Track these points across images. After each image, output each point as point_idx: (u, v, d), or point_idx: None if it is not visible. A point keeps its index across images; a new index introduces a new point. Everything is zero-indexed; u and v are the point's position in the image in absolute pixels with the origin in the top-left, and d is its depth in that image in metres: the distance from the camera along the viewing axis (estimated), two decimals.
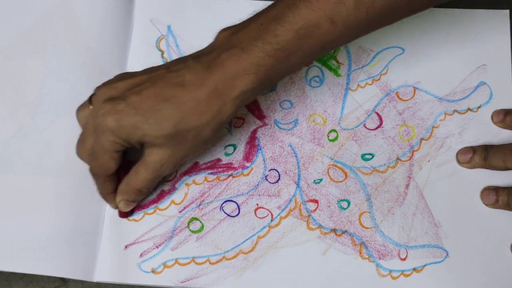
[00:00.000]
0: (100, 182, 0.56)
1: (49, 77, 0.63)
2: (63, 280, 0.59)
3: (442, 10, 0.65)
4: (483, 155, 0.59)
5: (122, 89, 0.53)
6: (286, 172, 0.60)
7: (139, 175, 0.55)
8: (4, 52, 0.64)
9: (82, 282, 0.59)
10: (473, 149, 0.60)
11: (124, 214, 0.59)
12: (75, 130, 0.60)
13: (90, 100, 0.55)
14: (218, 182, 0.60)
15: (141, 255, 0.57)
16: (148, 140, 0.52)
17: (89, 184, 0.59)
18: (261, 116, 0.62)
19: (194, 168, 0.61)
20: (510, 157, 0.58)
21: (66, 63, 0.63)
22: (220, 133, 0.54)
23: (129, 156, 0.56)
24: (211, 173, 0.61)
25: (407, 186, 0.60)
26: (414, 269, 0.57)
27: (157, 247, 0.58)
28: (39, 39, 0.64)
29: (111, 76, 0.62)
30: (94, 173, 0.56)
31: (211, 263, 0.57)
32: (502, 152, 0.59)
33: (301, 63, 0.53)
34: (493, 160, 0.59)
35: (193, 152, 0.54)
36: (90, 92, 0.61)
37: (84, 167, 0.59)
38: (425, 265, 0.57)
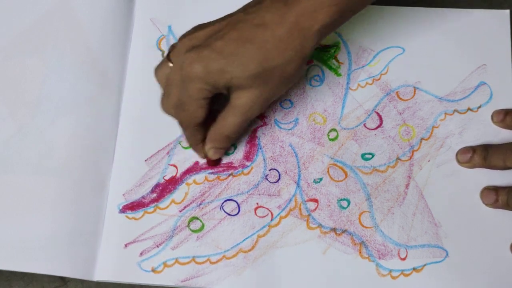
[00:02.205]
0: (189, 133, 0.57)
1: (49, 77, 0.63)
2: (63, 280, 0.59)
3: (443, 10, 0.65)
4: (483, 155, 0.59)
5: (203, 37, 0.53)
6: (286, 172, 0.60)
7: (227, 121, 0.55)
8: (4, 52, 0.64)
9: (82, 282, 0.59)
10: (473, 149, 0.60)
11: (213, 163, 0.60)
12: (75, 130, 0.60)
13: (167, 57, 0.55)
14: (218, 182, 0.60)
15: (141, 254, 0.57)
16: (236, 83, 0.52)
17: (89, 184, 0.59)
18: (261, 116, 0.62)
19: (195, 168, 0.61)
20: (509, 156, 0.58)
21: (66, 63, 0.63)
22: (304, 69, 0.55)
23: (215, 106, 0.56)
24: (212, 173, 0.61)
25: (407, 185, 0.60)
26: (414, 268, 0.57)
27: (157, 246, 0.58)
28: (39, 39, 0.64)
29: (111, 75, 0.63)
30: (183, 124, 0.56)
31: (211, 263, 0.57)
32: (502, 151, 0.59)
33: None
34: (493, 159, 0.59)
35: (279, 90, 0.55)
36: (90, 92, 0.62)
37: (84, 167, 0.59)
38: (425, 265, 0.57)
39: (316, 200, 0.59)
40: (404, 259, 0.57)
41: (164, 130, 0.61)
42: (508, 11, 0.65)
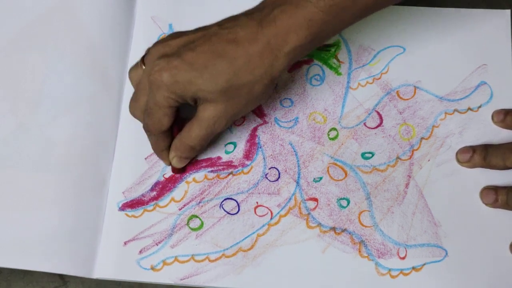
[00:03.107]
0: (153, 139, 0.57)
1: (50, 74, 0.63)
2: (63, 280, 0.59)
3: (443, 10, 0.65)
4: (482, 154, 0.59)
5: (176, 46, 0.53)
6: (286, 171, 0.60)
7: (192, 132, 0.55)
8: (5, 49, 0.64)
9: (82, 282, 0.59)
10: (473, 149, 0.60)
11: (177, 171, 0.60)
12: (76, 128, 0.60)
13: (142, 60, 0.56)
14: (218, 180, 0.60)
15: (140, 252, 0.58)
16: (202, 96, 0.52)
17: (89, 182, 0.59)
18: (261, 114, 0.62)
19: (194, 166, 0.61)
20: (509, 155, 0.58)
21: (67, 60, 0.63)
22: (271, 88, 0.55)
23: (183, 114, 0.57)
24: (211, 171, 0.61)
25: (407, 185, 0.60)
26: (413, 268, 0.57)
27: (157, 244, 0.58)
28: (40, 37, 0.64)
29: (112, 73, 0.63)
30: (148, 130, 0.56)
31: (210, 261, 0.57)
32: (502, 151, 0.59)
33: (354, 19, 0.54)
34: (492, 159, 0.59)
35: (245, 107, 0.55)
36: (91, 90, 0.62)
37: (84, 165, 0.59)
38: (424, 264, 0.57)
39: (315, 199, 0.59)
40: (403, 258, 0.57)
41: None
42: (508, 11, 0.65)
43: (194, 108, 0.55)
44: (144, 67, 0.55)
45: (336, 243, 0.58)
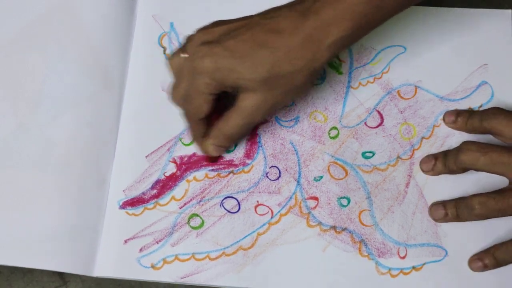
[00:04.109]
0: (192, 125, 0.58)
1: (50, 73, 0.63)
2: (63, 280, 0.59)
3: (444, 9, 0.65)
4: (443, 161, 0.59)
5: (218, 33, 0.54)
6: (286, 169, 0.60)
7: (230, 121, 0.55)
8: (5, 49, 0.64)
9: (82, 282, 0.59)
10: (434, 156, 0.59)
11: (212, 159, 0.60)
12: (77, 127, 0.60)
13: (182, 48, 0.56)
14: (218, 179, 0.60)
15: (140, 250, 0.57)
16: (242, 84, 0.53)
17: (90, 180, 0.59)
18: None
19: (195, 164, 0.61)
20: (459, 158, 0.57)
21: (68, 59, 0.63)
22: (313, 81, 0.55)
23: (223, 104, 0.57)
24: (212, 170, 0.61)
25: (407, 184, 0.60)
26: (413, 267, 0.57)
27: (157, 243, 0.58)
28: (41, 35, 0.64)
29: (112, 72, 0.63)
30: (187, 116, 0.57)
31: (210, 259, 0.57)
32: (454, 154, 0.57)
33: (396, 9, 0.54)
34: (449, 164, 0.58)
35: (286, 98, 0.55)
36: (91, 88, 0.62)
37: (85, 163, 0.59)
38: (424, 264, 0.57)
39: (316, 198, 0.59)
40: (403, 257, 0.57)
41: (165, 126, 0.61)
42: (510, 10, 0.65)
43: (234, 99, 0.55)
44: (183, 54, 0.55)
45: (336, 242, 0.58)
